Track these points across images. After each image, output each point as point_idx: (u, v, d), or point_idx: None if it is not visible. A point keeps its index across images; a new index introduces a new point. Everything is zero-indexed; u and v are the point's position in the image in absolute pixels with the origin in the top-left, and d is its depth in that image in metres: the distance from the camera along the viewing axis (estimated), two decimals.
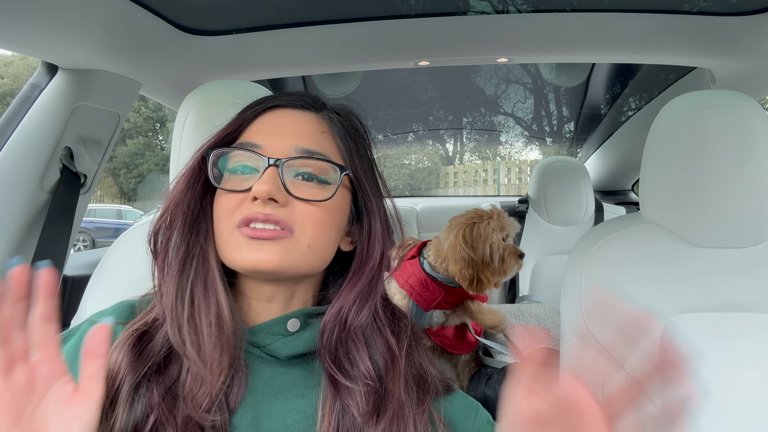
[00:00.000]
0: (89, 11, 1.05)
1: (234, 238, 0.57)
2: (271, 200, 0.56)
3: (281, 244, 0.57)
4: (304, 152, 0.59)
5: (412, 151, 5.49)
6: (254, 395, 0.58)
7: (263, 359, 0.60)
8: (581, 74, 2.13)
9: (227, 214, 0.58)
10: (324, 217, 0.59)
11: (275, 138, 0.60)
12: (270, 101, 0.64)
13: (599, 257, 0.95)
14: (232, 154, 0.61)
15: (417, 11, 1.31)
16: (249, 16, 1.34)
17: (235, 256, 0.57)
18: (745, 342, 0.87)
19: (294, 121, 0.62)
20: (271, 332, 0.61)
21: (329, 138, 0.63)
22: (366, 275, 0.63)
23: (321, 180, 0.60)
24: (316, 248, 0.59)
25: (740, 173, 0.87)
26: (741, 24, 1.26)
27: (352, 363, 0.59)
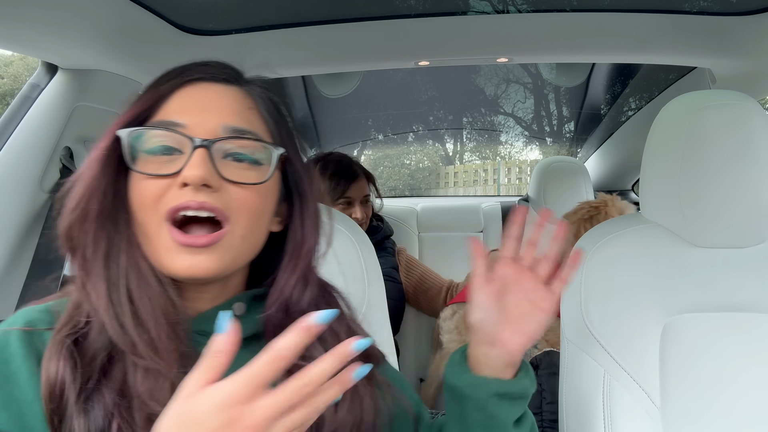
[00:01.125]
0: (89, 11, 1.05)
1: (163, 237, 0.53)
2: (204, 186, 0.52)
3: (217, 246, 0.53)
4: (234, 131, 0.55)
5: (412, 151, 5.49)
6: None
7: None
8: (581, 74, 2.13)
9: (151, 202, 0.53)
10: (258, 201, 0.56)
11: (201, 116, 0.55)
12: (190, 73, 0.58)
13: (599, 257, 0.95)
14: (150, 133, 0.55)
15: (417, 11, 1.32)
16: (249, 16, 1.34)
17: (165, 261, 0.53)
18: (745, 342, 0.87)
19: (219, 96, 0.57)
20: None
21: (256, 114, 0.59)
22: (303, 258, 0.60)
23: (253, 160, 0.56)
24: (250, 237, 0.57)
25: (740, 173, 0.87)
26: (741, 24, 1.26)
27: None
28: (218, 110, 0.56)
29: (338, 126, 2.71)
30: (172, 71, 0.59)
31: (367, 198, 1.70)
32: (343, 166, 1.66)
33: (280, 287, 0.59)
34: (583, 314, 0.92)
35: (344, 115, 2.58)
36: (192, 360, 0.50)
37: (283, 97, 0.65)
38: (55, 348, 0.50)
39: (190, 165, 0.52)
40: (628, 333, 0.89)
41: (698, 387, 0.86)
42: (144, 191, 0.54)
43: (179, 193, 0.52)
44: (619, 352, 0.89)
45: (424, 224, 2.39)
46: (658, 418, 0.86)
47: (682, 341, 0.88)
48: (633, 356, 0.88)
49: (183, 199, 0.52)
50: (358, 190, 1.65)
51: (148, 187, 0.53)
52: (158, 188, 0.53)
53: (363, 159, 3.45)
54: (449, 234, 2.39)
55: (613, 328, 0.90)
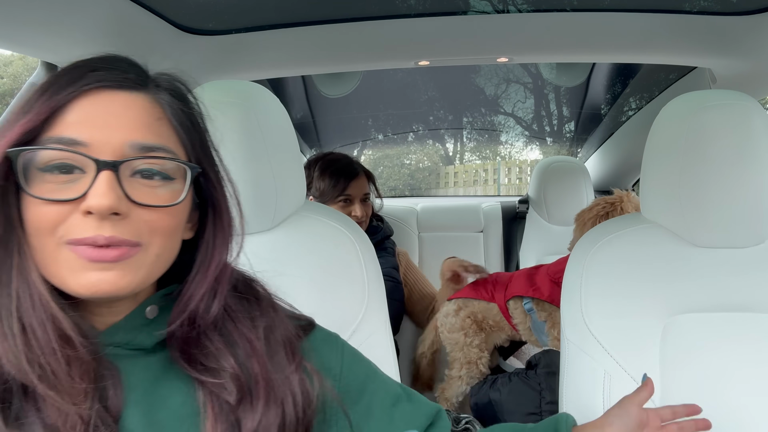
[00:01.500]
0: (89, 11, 1.05)
1: (64, 256, 0.48)
2: (113, 214, 0.47)
3: (129, 263, 0.49)
4: (143, 149, 0.50)
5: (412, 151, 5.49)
6: (137, 392, 0.52)
7: (131, 355, 0.54)
8: (581, 74, 2.13)
9: (49, 228, 0.48)
10: (172, 221, 0.52)
11: (104, 132, 0.49)
12: (89, 80, 0.50)
13: (599, 257, 0.95)
14: (46, 153, 0.48)
15: (417, 11, 1.31)
16: (249, 15, 1.34)
17: (68, 280, 0.48)
18: (745, 342, 0.87)
19: (124, 108, 0.51)
20: (131, 327, 0.54)
21: (166, 125, 0.53)
22: (212, 272, 0.57)
23: (164, 176, 0.51)
24: (164, 254, 0.53)
25: (741, 173, 0.86)
26: (741, 24, 1.26)
27: (210, 359, 0.55)
28: (124, 124, 0.50)
29: (338, 126, 2.71)
30: (67, 75, 0.51)
31: (367, 196, 1.69)
32: (343, 164, 1.66)
33: (186, 300, 0.55)
34: (583, 314, 0.92)
35: (344, 115, 2.58)
36: (106, 377, 0.49)
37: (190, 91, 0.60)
38: None
39: (95, 192, 0.47)
40: (628, 333, 0.89)
41: (698, 387, 0.86)
42: (40, 217, 0.48)
43: (82, 222, 0.47)
44: (619, 352, 0.89)
45: (424, 224, 2.39)
46: None
47: (682, 341, 0.88)
48: (633, 356, 0.88)
49: (88, 232, 0.47)
50: (357, 188, 1.65)
51: (44, 213, 0.47)
52: (57, 214, 0.47)
53: (363, 159, 3.45)
54: (449, 234, 2.39)
55: (613, 328, 0.90)
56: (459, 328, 1.58)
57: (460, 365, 1.55)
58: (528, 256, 2.25)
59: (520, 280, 1.53)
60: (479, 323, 1.59)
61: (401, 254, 1.86)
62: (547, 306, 1.44)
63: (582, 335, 0.92)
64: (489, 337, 1.61)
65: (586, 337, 0.91)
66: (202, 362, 0.54)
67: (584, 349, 0.91)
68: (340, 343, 0.70)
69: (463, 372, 1.54)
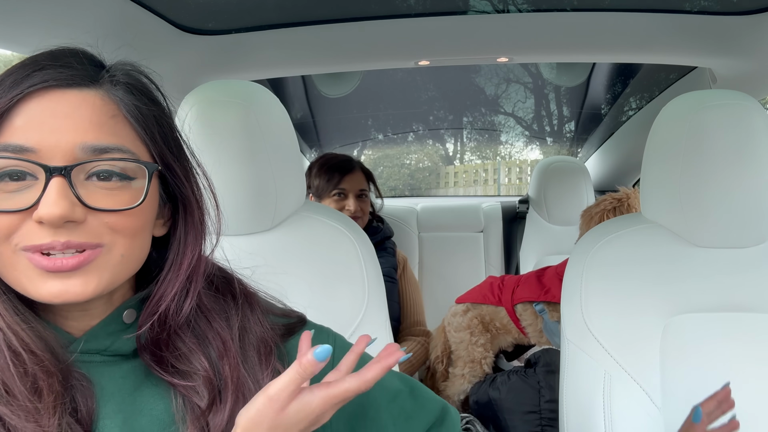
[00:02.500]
0: (89, 11, 1.05)
1: (21, 264, 0.46)
2: (67, 222, 0.45)
3: (92, 267, 0.47)
4: (95, 150, 0.47)
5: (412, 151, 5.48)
6: (115, 400, 0.51)
7: (109, 362, 0.53)
8: (582, 74, 2.12)
9: (2, 237, 0.46)
10: (135, 221, 0.50)
11: (53, 135, 0.46)
12: (34, 79, 0.47)
13: (599, 257, 0.95)
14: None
15: (417, 11, 1.31)
16: (249, 15, 1.33)
17: (28, 287, 0.47)
18: (745, 342, 0.87)
19: (73, 108, 0.47)
20: (108, 332, 0.53)
21: (122, 122, 0.50)
22: (184, 269, 0.54)
23: (123, 176, 0.49)
24: (131, 255, 0.51)
25: (741, 173, 0.86)
26: (742, 24, 1.26)
27: (182, 360, 0.53)
28: (74, 126, 0.47)
29: (338, 126, 2.71)
30: (11, 76, 0.47)
31: (364, 193, 1.68)
32: (338, 160, 1.67)
33: (156, 300, 0.53)
34: (583, 314, 0.92)
35: (344, 115, 2.57)
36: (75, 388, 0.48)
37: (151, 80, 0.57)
38: None
39: (45, 200, 0.44)
40: (629, 333, 0.89)
41: (699, 387, 0.86)
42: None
43: (36, 231, 0.45)
44: (619, 352, 0.89)
45: (424, 224, 2.39)
46: (659, 418, 0.86)
47: (683, 341, 0.88)
48: (633, 356, 0.88)
49: (43, 239, 0.45)
50: (352, 183, 1.65)
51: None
52: (9, 223, 0.45)
53: (363, 159, 3.45)
54: (449, 234, 2.39)
55: (613, 328, 0.90)
56: (465, 327, 1.59)
57: (464, 363, 1.56)
58: (528, 256, 2.25)
59: (529, 283, 1.53)
60: (486, 324, 1.60)
61: (402, 259, 1.84)
62: (558, 307, 1.45)
63: (582, 335, 0.92)
64: (495, 340, 1.62)
65: (586, 337, 0.91)
66: (174, 364, 0.53)
67: (584, 349, 0.91)
68: (332, 337, 0.68)
69: (466, 370, 1.55)
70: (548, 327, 1.48)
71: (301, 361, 0.47)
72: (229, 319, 0.58)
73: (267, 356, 0.58)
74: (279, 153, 0.91)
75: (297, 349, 0.58)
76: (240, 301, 0.60)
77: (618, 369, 0.88)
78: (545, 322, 1.49)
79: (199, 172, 0.58)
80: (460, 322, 1.61)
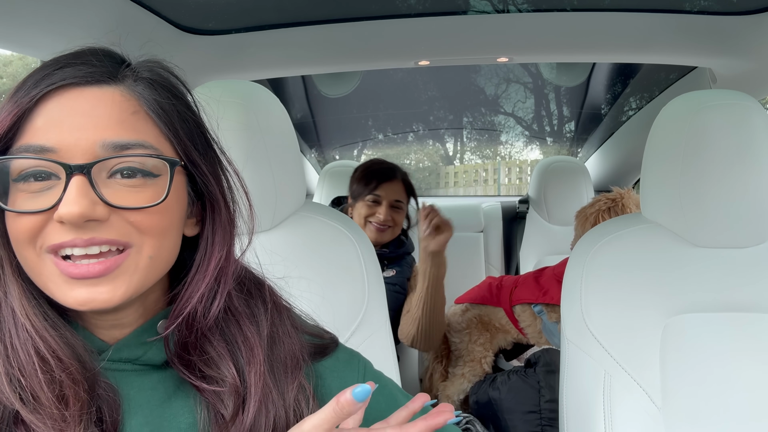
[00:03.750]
0: (89, 11, 1.05)
1: (47, 269, 0.46)
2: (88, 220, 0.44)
3: (119, 272, 0.46)
4: (116, 147, 0.46)
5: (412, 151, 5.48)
6: (144, 411, 0.50)
7: (139, 371, 0.52)
8: (582, 74, 2.12)
9: (28, 238, 0.45)
10: (162, 219, 0.48)
11: (73, 134, 0.45)
12: (53, 79, 0.47)
13: (599, 257, 0.95)
14: (15, 164, 0.46)
15: (417, 11, 1.31)
16: (249, 15, 1.33)
17: (56, 294, 0.46)
18: (745, 342, 0.87)
19: (93, 105, 0.47)
20: (140, 342, 0.52)
21: (143, 118, 0.49)
22: (212, 270, 0.53)
23: (146, 173, 0.47)
24: (160, 255, 0.49)
25: (741, 173, 0.86)
26: (742, 23, 1.26)
27: (210, 365, 0.52)
28: (94, 124, 0.46)
29: (338, 126, 2.71)
30: (33, 77, 0.48)
31: (400, 204, 1.64)
32: (382, 167, 1.63)
33: (183, 302, 0.52)
34: (583, 314, 0.92)
35: (344, 115, 2.57)
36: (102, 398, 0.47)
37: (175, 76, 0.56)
38: None
39: (66, 200, 0.43)
40: (629, 333, 0.89)
41: (699, 387, 0.86)
42: (17, 227, 0.46)
43: (59, 230, 0.45)
44: (619, 352, 0.89)
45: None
46: (659, 418, 0.86)
47: (683, 341, 0.88)
48: (633, 356, 0.88)
49: (65, 237, 0.44)
50: (389, 191, 1.60)
51: (21, 224, 0.45)
52: (33, 224, 0.45)
53: (363, 159, 3.45)
54: None
55: (614, 328, 0.90)
56: (464, 327, 1.60)
57: (464, 363, 1.56)
58: (528, 256, 2.25)
59: (527, 285, 1.53)
60: (485, 324, 1.60)
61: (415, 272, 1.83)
62: (557, 308, 1.45)
63: (582, 335, 0.92)
64: (494, 340, 1.62)
65: (586, 337, 0.91)
66: (201, 369, 0.52)
67: (584, 349, 0.91)
68: (362, 365, 0.65)
69: (466, 369, 1.55)
70: (547, 328, 1.48)
71: (339, 399, 0.44)
72: (259, 325, 0.56)
73: (294, 369, 0.56)
74: (279, 153, 0.91)
75: (328, 372, 0.59)
76: (270, 307, 0.59)
77: (618, 369, 0.88)
78: (544, 323, 1.49)
79: (230, 170, 0.56)
80: (459, 322, 1.62)
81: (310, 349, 0.60)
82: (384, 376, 0.67)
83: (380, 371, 0.68)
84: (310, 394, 0.56)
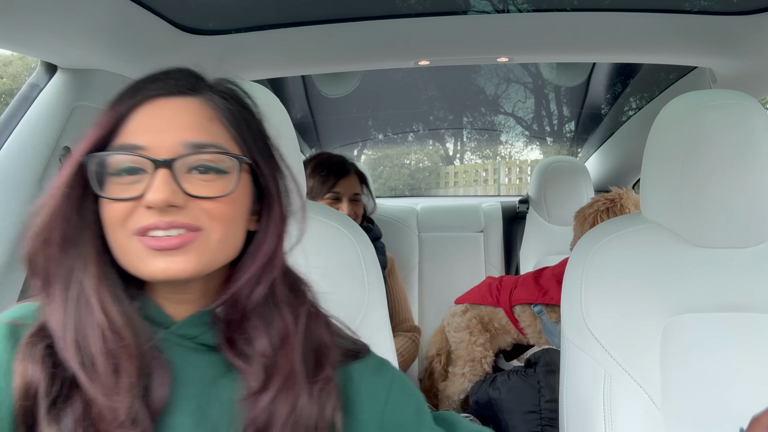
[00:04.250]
0: (89, 11, 1.05)
1: (134, 247, 0.54)
2: (170, 206, 0.53)
3: (192, 248, 0.54)
4: (194, 146, 0.55)
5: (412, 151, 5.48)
6: (194, 386, 0.57)
7: (197, 350, 0.59)
8: (582, 74, 2.13)
9: (119, 221, 0.54)
10: (229, 209, 0.57)
11: (160, 135, 0.55)
12: (146, 91, 0.57)
13: (599, 257, 0.95)
14: (112, 158, 0.55)
15: (417, 11, 1.31)
16: (249, 15, 1.34)
17: (140, 267, 0.54)
18: (745, 342, 0.87)
19: (176, 112, 0.57)
20: (201, 323, 0.59)
21: (218, 124, 0.59)
22: (261, 257, 0.60)
23: (218, 170, 0.56)
24: (227, 240, 0.57)
25: (741, 173, 0.86)
26: (742, 23, 1.26)
27: (247, 342, 0.58)
28: (177, 127, 0.56)
29: (338, 126, 2.71)
30: (128, 90, 0.58)
31: (357, 196, 1.67)
32: (335, 162, 1.65)
33: (232, 281, 0.59)
34: (583, 314, 0.92)
35: (344, 115, 2.58)
36: (155, 371, 0.53)
37: (247, 94, 0.65)
38: (27, 349, 0.53)
39: (152, 188, 0.52)
40: (629, 333, 0.89)
41: (699, 387, 0.86)
42: (111, 213, 0.55)
43: (146, 214, 0.53)
44: (619, 352, 0.89)
45: (424, 224, 2.39)
46: (659, 419, 0.86)
47: (683, 341, 0.88)
48: (633, 356, 0.88)
49: (150, 220, 0.53)
50: (347, 186, 1.63)
51: (114, 209, 0.54)
52: (125, 209, 0.54)
53: (363, 159, 3.45)
54: (449, 234, 2.39)
55: (614, 329, 0.90)
56: (464, 327, 1.60)
57: (464, 362, 1.56)
58: (528, 256, 2.25)
59: (526, 285, 1.53)
60: (485, 324, 1.60)
61: (389, 259, 1.84)
62: (557, 308, 1.45)
63: (582, 335, 0.92)
64: (494, 340, 1.62)
65: (586, 337, 0.91)
66: (238, 344, 0.58)
67: (584, 348, 0.91)
68: (391, 373, 0.68)
69: (467, 369, 1.55)
70: (547, 328, 1.48)
71: None
72: (297, 317, 0.62)
73: (322, 362, 0.61)
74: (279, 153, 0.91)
75: (358, 374, 0.64)
76: (308, 303, 0.65)
77: (618, 369, 0.88)
78: (544, 323, 1.49)
79: (287, 174, 0.64)
80: (459, 322, 1.62)
81: (342, 351, 0.65)
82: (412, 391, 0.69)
83: (410, 382, 0.70)
84: (336, 391, 0.61)
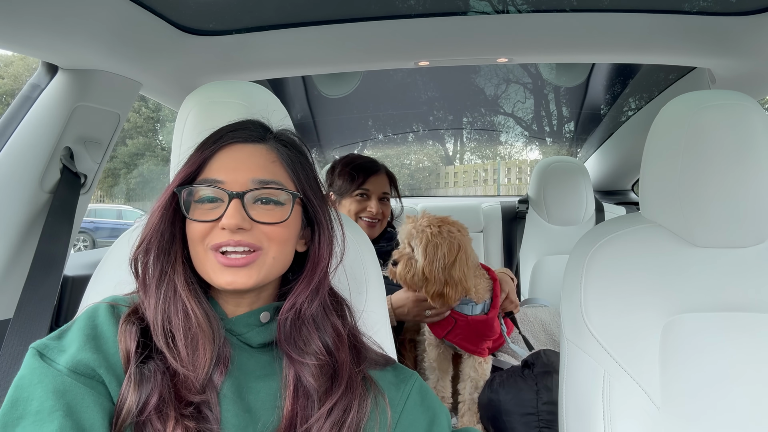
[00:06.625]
0: (89, 11, 1.05)
1: (209, 260, 0.70)
2: (239, 228, 0.68)
3: (253, 266, 0.70)
4: (260, 183, 0.71)
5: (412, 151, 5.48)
6: (236, 374, 0.69)
7: (239, 346, 0.73)
8: (581, 74, 2.13)
9: (200, 238, 0.71)
10: (283, 232, 0.72)
11: (234, 173, 0.71)
12: (226, 139, 0.74)
13: (599, 257, 0.95)
14: (198, 190, 0.72)
15: (417, 11, 1.32)
16: (249, 16, 1.34)
17: (212, 277, 0.70)
18: (745, 342, 0.87)
19: (248, 155, 0.73)
20: (247, 323, 0.74)
21: (279, 165, 0.75)
22: (318, 274, 0.76)
23: (277, 202, 0.72)
24: (279, 258, 0.73)
25: (740, 173, 0.87)
26: (741, 24, 1.26)
27: (305, 342, 0.72)
28: (248, 167, 0.72)
29: (338, 126, 2.72)
30: (214, 136, 0.75)
31: (386, 196, 1.67)
32: (365, 161, 1.66)
33: (296, 296, 0.74)
34: (583, 314, 0.92)
35: (344, 115, 2.58)
36: (222, 353, 0.68)
37: (305, 145, 0.81)
38: (125, 327, 0.67)
39: (227, 214, 0.68)
40: (628, 333, 0.89)
41: (698, 387, 0.86)
42: (195, 231, 0.71)
43: (220, 234, 0.69)
44: (618, 352, 0.89)
45: None
46: (658, 418, 0.86)
47: (682, 341, 0.88)
48: (633, 356, 0.88)
49: (223, 238, 0.69)
50: (376, 185, 1.64)
51: (197, 228, 0.71)
52: (205, 229, 0.70)
53: None
54: None
55: (613, 328, 0.90)
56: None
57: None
58: (528, 255, 2.25)
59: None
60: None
61: None
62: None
63: (582, 335, 0.92)
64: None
65: (586, 337, 0.91)
66: (297, 344, 0.72)
67: (584, 348, 0.91)
68: (410, 384, 0.78)
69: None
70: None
71: None
72: (342, 317, 0.79)
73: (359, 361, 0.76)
74: None
75: (383, 380, 0.76)
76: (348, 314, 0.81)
77: (617, 368, 0.88)
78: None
79: (330, 206, 0.80)
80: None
81: (371, 359, 0.78)
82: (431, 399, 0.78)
83: (431, 395, 0.79)
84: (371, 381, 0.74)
